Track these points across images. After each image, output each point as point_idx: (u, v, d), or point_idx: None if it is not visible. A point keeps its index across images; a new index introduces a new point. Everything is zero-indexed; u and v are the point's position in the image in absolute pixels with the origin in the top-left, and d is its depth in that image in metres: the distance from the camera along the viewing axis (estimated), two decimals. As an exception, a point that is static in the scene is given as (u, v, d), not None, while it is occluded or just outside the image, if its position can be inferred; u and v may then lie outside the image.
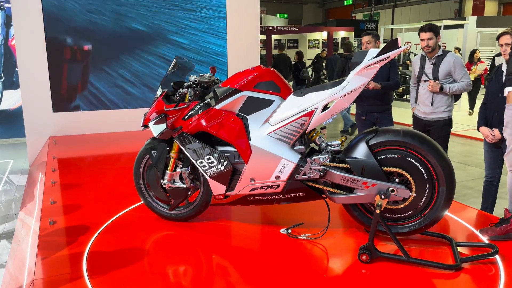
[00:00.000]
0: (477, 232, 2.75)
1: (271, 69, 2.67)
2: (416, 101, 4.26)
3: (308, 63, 18.55)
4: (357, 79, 2.42)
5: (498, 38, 3.60)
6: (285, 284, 2.21)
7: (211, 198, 2.84)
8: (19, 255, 2.91)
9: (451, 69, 3.96)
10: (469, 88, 3.98)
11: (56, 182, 3.95)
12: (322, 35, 25.19)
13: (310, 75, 16.70)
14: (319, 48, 24.67)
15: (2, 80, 8.01)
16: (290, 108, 2.55)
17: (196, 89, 2.69)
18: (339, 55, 15.72)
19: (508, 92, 2.61)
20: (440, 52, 4.02)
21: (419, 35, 4.08)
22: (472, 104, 10.88)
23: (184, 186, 2.84)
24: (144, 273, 2.35)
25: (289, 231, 2.76)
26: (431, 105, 4.04)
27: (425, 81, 4.08)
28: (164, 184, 2.87)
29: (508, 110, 2.59)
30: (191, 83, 2.70)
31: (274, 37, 23.33)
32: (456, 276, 2.26)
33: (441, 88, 3.93)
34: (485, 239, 2.66)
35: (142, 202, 3.10)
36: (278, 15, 32.85)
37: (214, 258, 2.53)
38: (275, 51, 17.34)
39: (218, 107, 2.63)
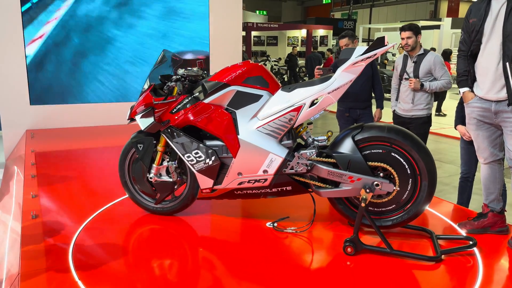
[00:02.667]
0: (455, 226, 2.86)
1: (260, 64, 2.70)
2: (397, 99, 4.37)
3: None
4: (344, 76, 2.48)
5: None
6: (271, 276, 2.25)
7: (197, 192, 2.85)
8: (1, 250, 2.86)
9: (432, 67, 4.08)
10: (449, 86, 4.11)
11: (36, 175, 3.88)
12: (301, 33, 25.37)
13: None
14: (298, 45, 24.85)
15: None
16: (279, 103, 2.59)
17: (184, 83, 2.69)
18: (319, 53, 15.94)
19: (463, 92, 2.72)
20: (421, 51, 4.14)
21: (400, 34, 4.21)
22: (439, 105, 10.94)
23: (171, 180, 2.84)
24: (130, 266, 2.35)
25: (275, 224, 2.80)
26: (412, 102, 4.16)
27: (406, 79, 4.19)
28: (151, 178, 2.86)
29: (467, 108, 2.71)
30: (179, 76, 2.70)
31: (254, 33, 23.36)
32: (436, 267, 2.35)
33: (422, 86, 4.05)
34: (463, 232, 2.77)
35: (126, 196, 3.09)
36: (257, 11, 32.87)
37: (200, 251, 2.54)
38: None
39: (206, 101, 2.64)
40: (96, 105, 6.25)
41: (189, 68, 2.80)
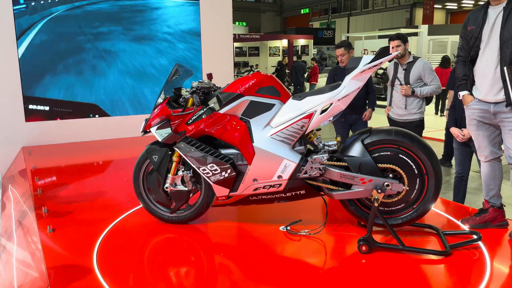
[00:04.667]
0: (458, 222, 3.02)
1: (270, 75, 2.83)
2: (390, 104, 4.57)
3: (271, 70, 18.96)
4: (352, 84, 2.63)
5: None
6: (287, 278, 2.34)
7: (212, 200, 2.94)
8: (21, 266, 2.88)
9: (421, 73, 4.29)
10: (439, 91, 4.32)
11: (43, 191, 3.90)
12: (282, 43, 25.73)
13: None
14: (279, 55, 25.17)
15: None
16: (290, 111, 2.72)
17: (200, 95, 2.79)
18: (303, 62, 16.23)
19: (463, 96, 2.90)
20: (410, 59, 4.35)
21: (388, 43, 4.43)
22: (441, 108, 11.50)
23: (186, 189, 2.93)
24: (151, 274, 2.41)
25: (288, 228, 2.91)
26: (405, 108, 4.36)
27: (398, 85, 4.39)
28: (166, 187, 2.94)
29: (467, 110, 2.90)
30: (195, 89, 2.81)
31: (235, 44, 23.57)
32: (445, 261, 2.49)
33: (413, 92, 4.25)
34: (466, 227, 2.93)
35: (138, 207, 3.15)
36: (237, 23, 33.17)
37: (216, 258, 2.62)
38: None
39: (222, 111, 2.75)
40: (91, 120, 6.26)
41: (201, 81, 2.90)
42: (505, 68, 2.57)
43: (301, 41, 25.30)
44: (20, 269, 2.71)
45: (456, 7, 27.82)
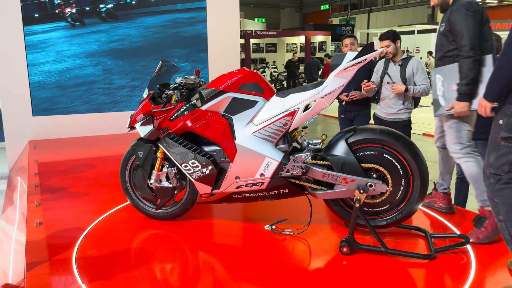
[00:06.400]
0: (450, 225, 2.92)
1: (255, 71, 2.78)
2: (377, 103, 4.47)
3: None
4: (336, 81, 2.56)
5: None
6: (270, 277, 2.31)
7: (197, 197, 2.93)
8: (5, 255, 2.93)
9: (414, 72, 4.16)
10: (428, 92, 4.17)
11: (39, 185, 3.96)
12: (300, 39, 25.56)
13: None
14: (297, 52, 25.02)
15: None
16: (273, 108, 2.67)
17: (182, 91, 2.77)
18: (317, 59, 16.08)
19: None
20: (404, 56, 4.25)
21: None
22: None
23: (171, 185, 2.92)
24: (132, 270, 2.41)
25: (273, 227, 2.87)
26: (394, 106, 4.25)
27: (388, 83, 4.26)
28: (151, 184, 2.94)
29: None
30: (177, 85, 2.79)
31: (252, 41, 23.55)
32: (431, 265, 2.41)
33: (406, 89, 4.11)
34: (457, 231, 2.83)
35: (128, 202, 3.16)
36: (256, 19, 33.11)
37: (200, 255, 2.61)
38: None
39: (204, 108, 2.73)
40: (97, 115, 6.34)
41: (187, 77, 2.88)
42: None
43: (318, 38, 25.08)
44: (3, 260, 2.76)
45: (480, 3, 27.11)
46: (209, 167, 2.70)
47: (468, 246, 2.58)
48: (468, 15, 2.65)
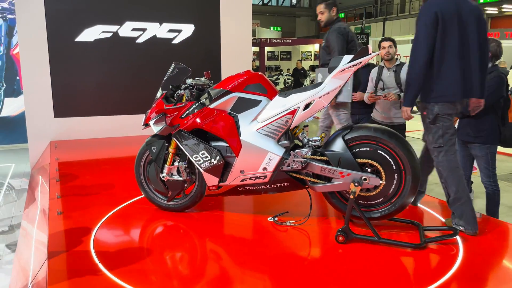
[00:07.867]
0: (443, 219, 3.09)
1: (259, 73, 3.01)
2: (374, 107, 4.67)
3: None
4: (333, 82, 2.77)
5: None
6: (272, 265, 2.49)
7: (205, 190, 3.15)
8: (29, 241, 3.19)
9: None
10: None
11: (60, 180, 4.23)
12: (315, 47, 25.76)
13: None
14: (311, 59, 25.21)
15: (3, 88, 8.30)
16: (276, 107, 2.89)
17: (192, 91, 3.02)
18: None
19: None
20: (398, 62, 4.45)
21: (379, 46, 4.55)
22: None
23: (181, 178, 3.15)
24: (144, 254, 2.63)
25: (276, 219, 3.07)
26: (390, 112, 4.44)
27: (381, 89, 4.45)
28: (163, 177, 3.17)
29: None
30: (188, 85, 3.04)
31: (267, 49, 23.85)
32: (421, 254, 2.58)
33: (399, 97, 4.27)
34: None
35: (142, 195, 3.40)
36: (271, 27, 33.45)
37: (208, 243, 2.82)
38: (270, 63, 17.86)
39: (212, 106, 2.96)
40: (116, 117, 6.61)
41: (197, 78, 3.13)
42: None
43: (333, 46, 25.17)
44: (37, 248, 3.01)
45: (496, 12, 26.87)
46: (217, 157, 2.92)
47: (458, 238, 2.74)
48: (338, 37, 4.00)
